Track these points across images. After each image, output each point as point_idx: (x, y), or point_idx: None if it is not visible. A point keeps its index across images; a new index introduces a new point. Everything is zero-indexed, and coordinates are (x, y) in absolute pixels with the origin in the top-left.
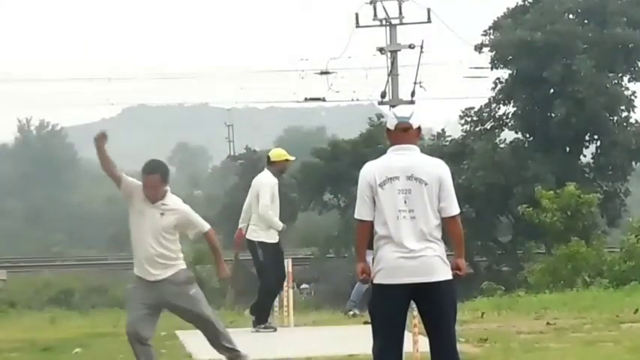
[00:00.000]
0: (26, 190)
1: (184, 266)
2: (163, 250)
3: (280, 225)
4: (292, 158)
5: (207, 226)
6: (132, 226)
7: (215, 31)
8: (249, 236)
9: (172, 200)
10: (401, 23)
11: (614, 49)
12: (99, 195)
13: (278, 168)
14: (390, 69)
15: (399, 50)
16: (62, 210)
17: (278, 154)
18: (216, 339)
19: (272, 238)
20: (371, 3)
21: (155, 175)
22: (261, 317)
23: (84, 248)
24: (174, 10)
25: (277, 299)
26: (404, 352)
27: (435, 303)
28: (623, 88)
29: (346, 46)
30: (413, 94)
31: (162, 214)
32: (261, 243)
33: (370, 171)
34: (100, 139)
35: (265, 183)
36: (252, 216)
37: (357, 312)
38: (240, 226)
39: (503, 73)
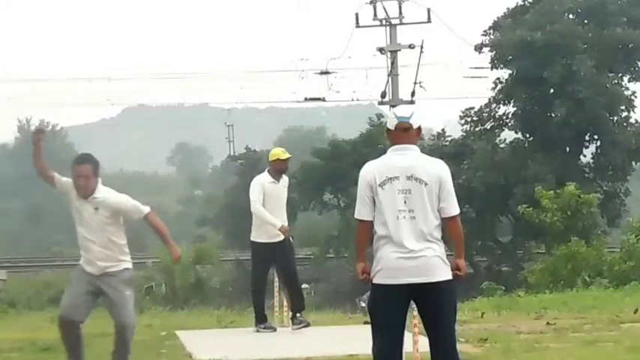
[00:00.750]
0: (26, 190)
1: (130, 266)
2: (108, 245)
3: (275, 223)
4: (284, 157)
5: (145, 210)
6: (75, 224)
7: (215, 31)
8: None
9: (103, 193)
10: (401, 23)
11: (614, 49)
12: None
13: (273, 167)
14: (390, 69)
15: (399, 50)
16: (62, 210)
17: (272, 153)
18: (120, 348)
19: (262, 237)
20: (371, 3)
21: (87, 164)
22: (259, 317)
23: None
24: (174, 10)
25: (277, 299)
26: (404, 352)
27: (435, 303)
28: (623, 88)
29: (346, 46)
30: (413, 94)
31: (96, 208)
32: (251, 242)
33: (370, 171)
34: (38, 134)
35: (254, 180)
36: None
37: (366, 307)
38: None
39: (503, 73)
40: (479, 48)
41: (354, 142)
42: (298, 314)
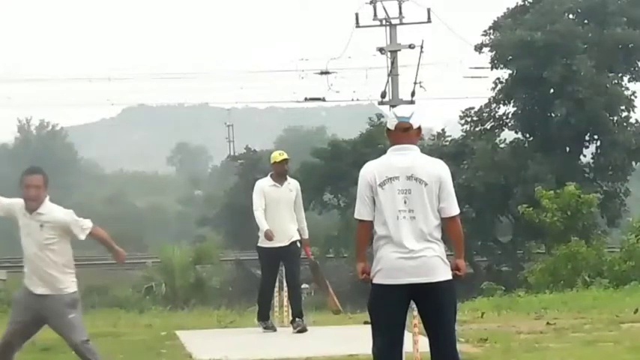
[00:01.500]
0: None
1: (74, 287)
2: (50, 264)
3: (263, 226)
4: (279, 159)
5: (88, 225)
6: (22, 242)
7: (215, 31)
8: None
9: (47, 209)
10: (401, 23)
11: (614, 49)
12: (99, 195)
13: (274, 170)
14: (390, 69)
15: (399, 50)
16: None
17: (272, 156)
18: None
19: (267, 242)
20: (371, 3)
21: (38, 175)
22: (260, 314)
23: (84, 248)
24: (174, 10)
25: (277, 299)
26: (404, 352)
27: (435, 303)
28: (623, 88)
29: (346, 46)
30: (413, 94)
31: (41, 225)
32: (257, 248)
33: (370, 171)
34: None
35: (256, 185)
36: None
37: None
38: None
39: (503, 73)
40: (479, 48)
41: (354, 142)
42: (298, 319)
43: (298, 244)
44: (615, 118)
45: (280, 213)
